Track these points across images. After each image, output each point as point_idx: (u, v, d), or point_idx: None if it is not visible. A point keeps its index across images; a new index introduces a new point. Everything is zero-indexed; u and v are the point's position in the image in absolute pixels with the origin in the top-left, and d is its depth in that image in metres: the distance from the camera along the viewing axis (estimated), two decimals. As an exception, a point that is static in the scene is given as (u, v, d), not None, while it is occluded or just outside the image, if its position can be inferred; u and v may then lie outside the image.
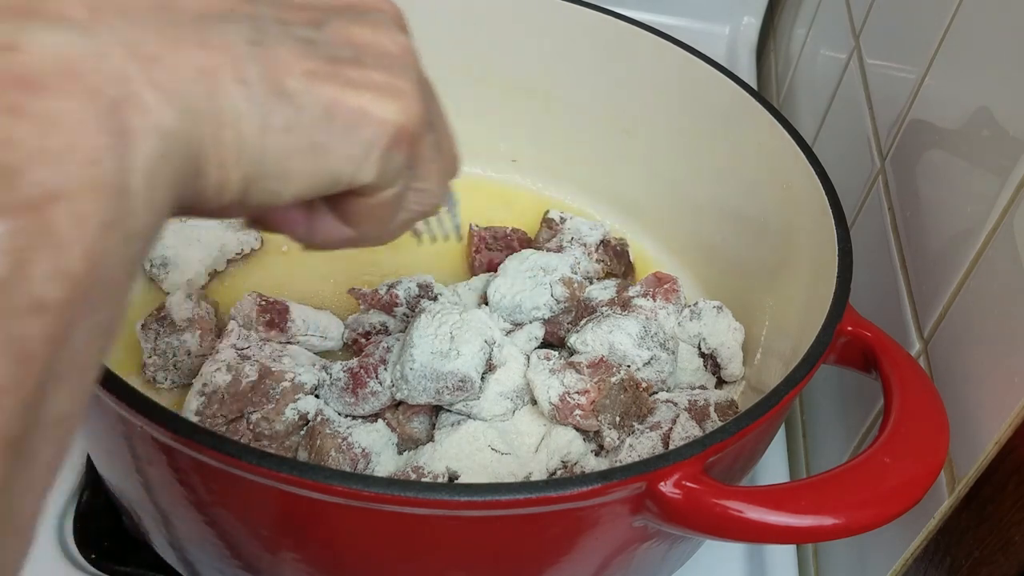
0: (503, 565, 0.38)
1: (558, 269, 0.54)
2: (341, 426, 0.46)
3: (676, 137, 0.62)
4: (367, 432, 0.46)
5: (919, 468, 0.36)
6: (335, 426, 0.46)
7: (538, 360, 0.48)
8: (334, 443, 0.45)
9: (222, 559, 0.40)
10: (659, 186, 0.64)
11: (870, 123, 0.59)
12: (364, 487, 0.32)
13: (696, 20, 0.96)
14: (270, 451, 0.40)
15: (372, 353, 0.48)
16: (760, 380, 0.52)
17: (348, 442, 0.45)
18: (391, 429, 0.47)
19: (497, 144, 0.68)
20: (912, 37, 0.55)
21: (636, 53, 0.61)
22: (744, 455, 0.41)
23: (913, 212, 0.50)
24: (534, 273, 0.54)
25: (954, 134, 0.47)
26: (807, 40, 0.84)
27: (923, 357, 0.46)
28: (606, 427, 0.46)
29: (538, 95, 0.66)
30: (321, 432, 0.45)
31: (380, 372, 0.47)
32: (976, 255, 0.42)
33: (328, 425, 0.46)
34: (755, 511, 0.34)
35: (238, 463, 0.32)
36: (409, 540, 0.36)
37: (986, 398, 0.39)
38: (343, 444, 0.45)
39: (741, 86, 0.56)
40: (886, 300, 0.51)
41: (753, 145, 0.55)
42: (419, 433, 0.47)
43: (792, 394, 0.38)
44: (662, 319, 0.54)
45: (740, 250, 0.58)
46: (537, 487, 0.33)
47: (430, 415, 0.48)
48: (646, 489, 0.35)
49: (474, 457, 0.44)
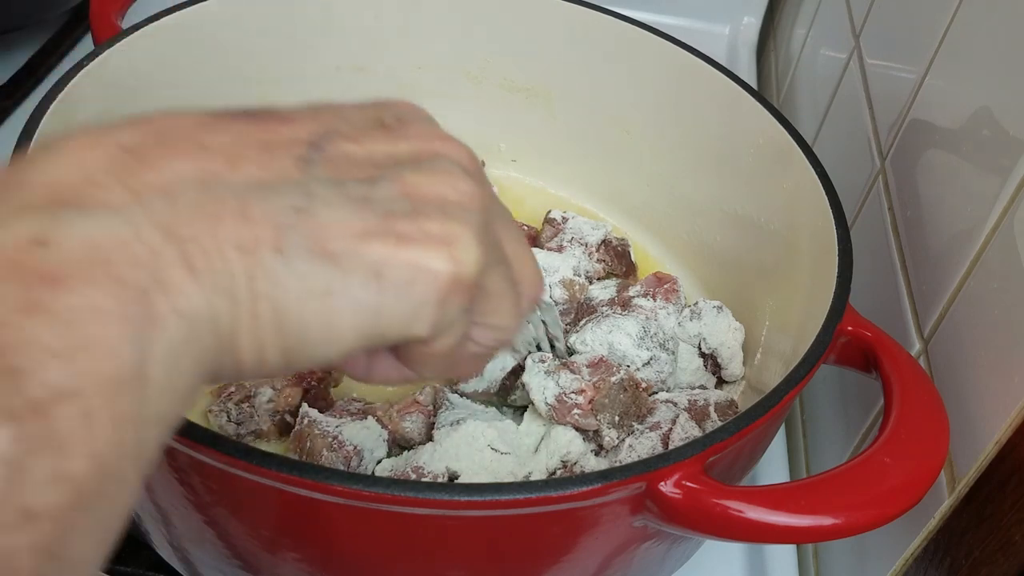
0: (503, 565, 0.38)
1: (559, 270, 0.54)
2: (330, 425, 0.46)
3: (676, 137, 0.62)
4: (357, 429, 0.46)
5: (919, 468, 0.36)
6: (323, 426, 0.45)
7: (533, 363, 0.48)
8: (325, 442, 0.44)
9: (222, 559, 0.40)
10: (659, 186, 0.64)
11: (870, 123, 0.59)
12: (364, 487, 0.32)
13: (696, 20, 0.96)
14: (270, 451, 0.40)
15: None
16: (760, 380, 0.52)
17: (339, 440, 0.45)
18: (382, 426, 0.47)
19: (497, 144, 0.68)
20: (912, 37, 0.55)
21: (636, 53, 0.61)
22: (744, 455, 0.41)
23: (913, 212, 0.50)
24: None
25: (954, 134, 0.47)
26: (807, 40, 0.84)
27: (923, 357, 0.46)
28: (605, 426, 0.46)
29: (538, 95, 0.66)
30: (310, 433, 0.45)
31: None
32: (976, 255, 0.42)
33: (316, 426, 0.45)
34: (755, 511, 0.34)
35: (238, 463, 0.32)
36: (409, 540, 0.36)
37: (986, 398, 0.39)
38: (334, 443, 0.45)
39: (741, 86, 0.56)
40: (886, 300, 0.51)
41: (753, 145, 0.55)
42: (412, 432, 0.47)
43: (792, 394, 0.38)
44: (662, 319, 0.54)
45: (740, 250, 0.58)
46: (537, 487, 0.33)
47: (424, 415, 0.48)
48: (646, 489, 0.35)
49: (474, 457, 0.44)
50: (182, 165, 0.23)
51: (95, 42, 0.55)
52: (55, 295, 0.19)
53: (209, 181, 0.23)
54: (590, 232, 0.60)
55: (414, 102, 0.30)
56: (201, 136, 0.24)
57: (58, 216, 0.20)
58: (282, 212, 0.23)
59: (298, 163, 0.24)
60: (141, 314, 0.20)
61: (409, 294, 0.25)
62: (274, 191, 0.23)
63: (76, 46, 0.84)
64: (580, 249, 0.59)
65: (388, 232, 0.24)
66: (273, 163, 0.24)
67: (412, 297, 0.25)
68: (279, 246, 0.23)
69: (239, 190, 0.23)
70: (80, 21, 0.85)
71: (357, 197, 0.25)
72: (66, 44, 0.83)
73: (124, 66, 0.51)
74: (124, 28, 0.53)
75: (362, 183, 0.25)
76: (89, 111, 0.48)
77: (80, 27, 0.85)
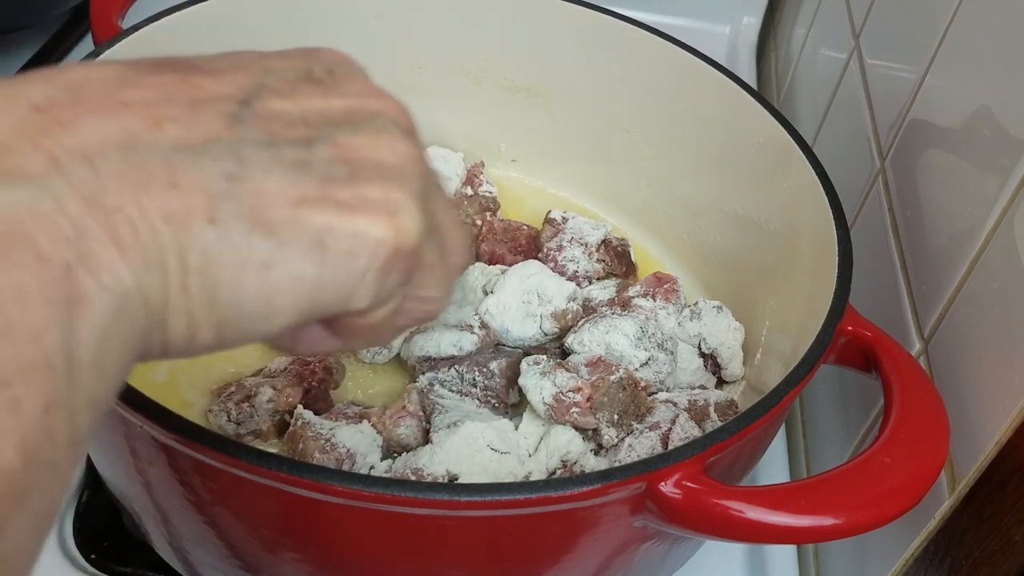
0: (503, 565, 0.38)
1: (553, 301, 0.52)
2: (323, 428, 0.45)
3: (676, 137, 0.62)
4: (351, 433, 0.46)
5: (919, 468, 0.36)
6: (316, 428, 0.45)
7: (528, 366, 0.48)
8: (317, 444, 0.44)
9: (222, 559, 0.40)
10: (659, 186, 0.64)
11: (870, 123, 0.59)
12: (364, 487, 0.32)
13: (696, 20, 0.96)
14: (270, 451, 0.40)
15: None
16: (760, 380, 0.52)
17: (331, 443, 0.45)
18: (377, 431, 0.47)
19: (497, 144, 0.68)
20: (912, 37, 0.55)
21: (636, 53, 0.61)
22: (744, 455, 0.41)
23: (913, 212, 0.50)
24: (529, 299, 0.53)
25: (954, 134, 0.47)
26: (807, 40, 0.84)
27: (923, 357, 0.46)
28: (604, 425, 0.46)
29: (538, 95, 0.66)
30: (303, 435, 0.45)
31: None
32: (976, 255, 0.42)
33: (309, 427, 0.45)
34: (755, 511, 0.34)
35: (238, 463, 0.32)
36: (409, 540, 0.36)
37: (986, 398, 0.39)
38: (326, 445, 0.44)
39: (741, 86, 0.56)
40: (886, 300, 0.51)
41: (753, 145, 0.55)
42: (406, 438, 0.47)
43: (792, 394, 0.38)
44: (662, 319, 0.54)
45: (740, 250, 0.58)
46: (537, 487, 0.33)
47: (416, 419, 0.48)
48: (646, 489, 0.35)
49: (474, 458, 0.44)
50: (102, 125, 0.21)
51: (95, 42, 0.55)
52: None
53: (132, 143, 0.21)
54: (590, 232, 0.60)
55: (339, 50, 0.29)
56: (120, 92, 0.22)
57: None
58: (214, 178, 0.22)
59: (227, 122, 0.23)
60: (66, 294, 0.19)
61: (350, 265, 0.23)
62: (204, 154, 0.22)
63: (76, 46, 0.84)
64: (580, 249, 0.59)
65: (327, 199, 0.23)
66: (200, 122, 0.22)
67: (354, 268, 0.24)
68: (212, 216, 0.21)
69: (166, 153, 0.21)
70: (80, 21, 0.85)
71: (293, 161, 0.23)
72: (66, 44, 0.83)
73: (124, 66, 0.51)
74: (124, 28, 0.53)
75: (297, 145, 0.24)
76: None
77: (80, 27, 0.85)
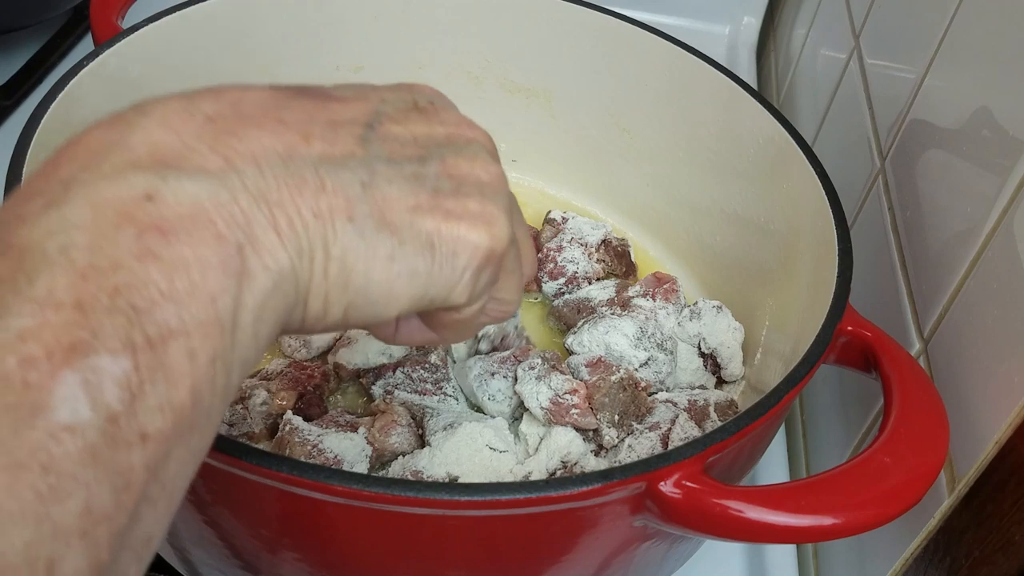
0: (503, 565, 0.38)
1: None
2: (311, 434, 0.45)
3: (676, 137, 0.62)
4: (339, 440, 0.45)
5: (919, 468, 0.36)
6: (304, 434, 0.45)
7: (523, 372, 0.48)
8: (303, 450, 0.44)
9: (222, 559, 0.40)
10: (659, 186, 0.64)
11: (870, 123, 0.59)
12: (364, 487, 0.32)
13: (696, 20, 0.96)
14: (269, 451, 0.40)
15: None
16: (760, 380, 0.52)
17: (319, 448, 0.44)
18: (368, 443, 0.46)
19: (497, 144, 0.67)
20: (912, 37, 0.55)
21: (636, 53, 0.61)
22: (744, 455, 0.41)
23: (913, 212, 0.50)
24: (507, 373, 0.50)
25: (954, 134, 0.47)
26: (807, 40, 0.84)
27: (923, 357, 0.46)
28: (605, 425, 0.46)
29: (538, 95, 0.66)
30: (290, 441, 0.45)
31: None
32: (976, 255, 0.42)
33: (297, 433, 0.45)
34: (755, 511, 0.34)
35: (238, 463, 0.32)
36: (409, 540, 0.36)
37: (986, 398, 0.39)
38: (313, 451, 0.44)
39: (741, 86, 0.56)
40: (886, 300, 0.51)
41: (753, 145, 0.55)
42: (400, 446, 0.46)
43: (792, 394, 0.38)
44: (661, 319, 0.54)
45: (740, 250, 0.58)
46: (537, 487, 0.33)
47: (409, 428, 0.47)
48: (646, 489, 0.35)
49: (474, 459, 0.44)
50: (264, 137, 0.25)
51: (95, 42, 0.55)
52: (166, 245, 0.21)
53: (290, 154, 0.25)
54: (590, 232, 0.60)
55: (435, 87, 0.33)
56: (275, 112, 0.26)
57: (164, 176, 0.23)
58: (352, 186, 0.26)
59: (358, 141, 0.27)
60: (237, 267, 0.23)
61: (453, 263, 0.28)
62: (344, 167, 0.26)
63: (76, 46, 0.84)
64: (579, 249, 0.59)
65: (437, 208, 0.28)
66: (338, 140, 0.27)
67: (456, 266, 0.28)
68: (351, 215, 0.26)
69: (315, 163, 0.26)
70: (80, 21, 0.85)
71: (410, 175, 0.28)
72: (66, 44, 0.83)
73: (124, 66, 0.51)
74: (124, 28, 0.53)
75: (413, 162, 0.28)
76: (89, 111, 0.48)
77: (80, 27, 0.85)
